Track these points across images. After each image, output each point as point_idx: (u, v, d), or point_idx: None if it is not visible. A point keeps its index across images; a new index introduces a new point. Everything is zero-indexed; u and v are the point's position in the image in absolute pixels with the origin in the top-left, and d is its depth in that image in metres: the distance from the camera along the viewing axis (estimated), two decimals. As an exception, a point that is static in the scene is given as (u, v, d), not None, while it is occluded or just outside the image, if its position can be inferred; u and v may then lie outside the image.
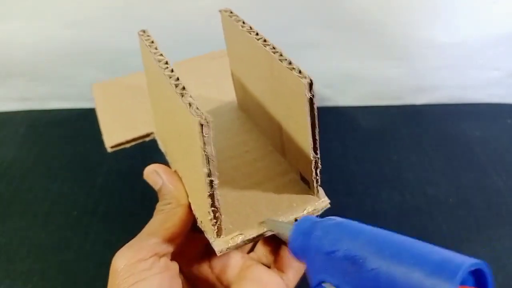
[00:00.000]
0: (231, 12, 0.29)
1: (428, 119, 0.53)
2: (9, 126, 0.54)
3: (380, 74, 0.54)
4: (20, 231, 0.40)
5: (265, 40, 0.26)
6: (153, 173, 0.28)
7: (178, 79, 0.23)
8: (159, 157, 0.32)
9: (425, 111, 0.54)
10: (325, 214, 0.35)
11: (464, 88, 0.55)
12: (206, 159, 0.21)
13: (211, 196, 0.23)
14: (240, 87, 0.35)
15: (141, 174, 0.29)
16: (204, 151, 0.21)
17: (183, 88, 0.22)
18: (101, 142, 0.35)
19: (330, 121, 0.52)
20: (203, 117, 0.20)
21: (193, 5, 0.48)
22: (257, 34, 0.27)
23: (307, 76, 0.22)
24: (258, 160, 0.31)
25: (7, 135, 0.52)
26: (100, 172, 0.46)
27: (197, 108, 0.21)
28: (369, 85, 0.55)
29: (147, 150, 0.34)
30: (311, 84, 0.22)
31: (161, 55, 0.25)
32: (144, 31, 0.28)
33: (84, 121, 0.51)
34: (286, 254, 0.29)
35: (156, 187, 0.28)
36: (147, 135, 0.34)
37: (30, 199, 0.43)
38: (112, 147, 0.33)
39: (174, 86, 0.23)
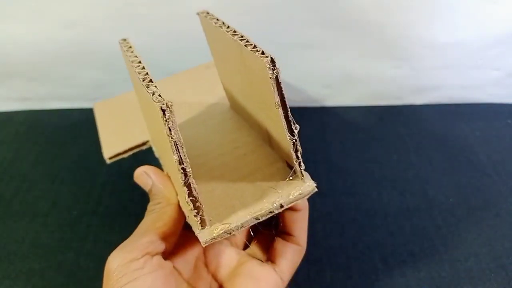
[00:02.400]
0: (207, 13, 0.29)
1: (428, 119, 0.53)
2: (9, 126, 0.54)
3: (380, 74, 0.54)
4: (20, 231, 0.40)
5: (234, 31, 0.26)
6: (142, 175, 0.29)
7: (147, 73, 0.23)
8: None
9: (425, 111, 0.55)
10: (325, 216, 0.35)
11: (464, 88, 0.55)
12: (175, 145, 0.21)
13: (187, 185, 0.23)
14: (226, 88, 0.35)
15: (141, 174, 0.29)
16: (171, 137, 0.21)
17: (150, 80, 0.23)
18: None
19: (330, 121, 0.52)
20: (164, 102, 0.20)
21: (193, 5, 0.48)
22: (228, 27, 0.26)
23: (268, 55, 0.22)
24: (248, 154, 0.31)
25: (7, 135, 0.52)
26: (100, 172, 0.46)
27: (159, 95, 0.21)
28: (369, 85, 0.55)
29: (147, 150, 0.35)
30: (273, 62, 0.22)
31: (136, 56, 0.26)
32: (124, 40, 0.28)
33: (84, 121, 0.51)
34: (278, 246, 0.29)
35: (146, 188, 0.29)
36: (143, 143, 0.35)
37: (30, 199, 0.43)
38: (110, 158, 0.35)
39: (141, 80, 0.23)
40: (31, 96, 0.56)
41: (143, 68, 0.24)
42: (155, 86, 0.22)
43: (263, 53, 0.23)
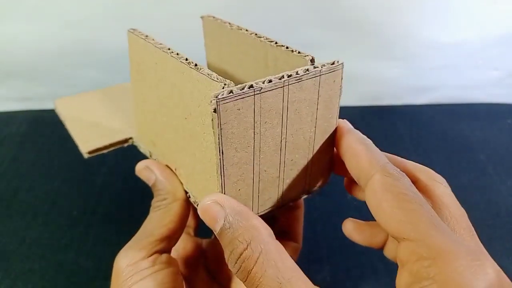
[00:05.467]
0: (214, 17, 0.30)
1: (428, 119, 0.53)
2: (9, 126, 0.54)
3: (380, 74, 0.54)
4: (20, 231, 0.40)
5: (256, 34, 0.26)
6: (145, 169, 0.28)
7: (187, 58, 0.23)
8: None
9: (425, 111, 0.54)
10: (325, 216, 0.35)
11: (464, 88, 0.55)
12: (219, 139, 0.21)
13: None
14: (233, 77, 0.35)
15: (140, 174, 0.29)
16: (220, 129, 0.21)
17: (196, 64, 0.23)
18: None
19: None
20: (224, 81, 0.21)
21: (193, 5, 0.48)
22: (246, 30, 0.27)
23: (308, 54, 0.23)
24: None
25: (7, 135, 0.52)
26: (100, 172, 0.46)
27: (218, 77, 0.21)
28: (369, 85, 0.55)
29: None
30: (313, 60, 0.24)
31: (161, 44, 0.26)
32: (134, 29, 0.28)
33: (84, 121, 0.51)
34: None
35: (149, 183, 0.28)
36: (125, 140, 0.34)
37: (30, 199, 0.43)
38: (89, 152, 0.33)
39: (187, 64, 0.23)
40: (31, 96, 0.56)
41: (178, 54, 0.24)
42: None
43: (299, 52, 0.24)
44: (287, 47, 0.25)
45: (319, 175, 0.27)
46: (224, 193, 0.22)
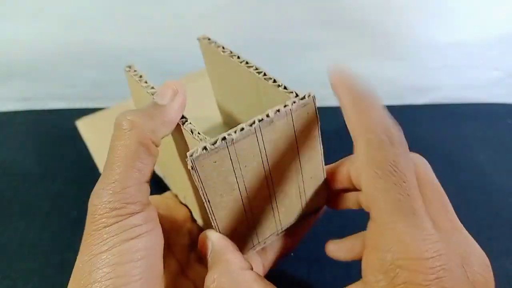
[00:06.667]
0: (209, 39, 0.30)
1: (428, 119, 0.53)
2: (9, 126, 0.54)
3: (380, 74, 0.54)
4: (20, 231, 0.40)
5: (247, 62, 0.27)
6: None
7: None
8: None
9: (425, 111, 0.54)
10: (325, 216, 0.35)
11: (464, 88, 0.55)
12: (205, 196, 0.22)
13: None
14: (224, 109, 0.36)
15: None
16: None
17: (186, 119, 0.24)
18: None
19: (330, 121, 0.52)
20: (199, 138, 0.22)
21: (193, 5, 0.48)
22: (238, 57, 0.27)
23: (293, 91, 0.24)
24: None
25: (7, 135, 0.52)
26: (100, 172, 0.46)
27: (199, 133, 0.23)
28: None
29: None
30: (297, 95, 0.23)
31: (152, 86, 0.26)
32: (130, 67, 0.28)
33: (84, 121, 0.51)
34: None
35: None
36: None
37: (30, 199, 0.43)
38: None
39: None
40: (31, 96, 0.56)
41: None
42: (190, 123, 0.23)
43: (285, 87, 0.24)
44: (274, 81, 0.25)
45: (315, 198, 0.28)
46: (219, 231, 0.24)
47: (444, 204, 0.22)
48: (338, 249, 0.28)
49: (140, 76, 0.27)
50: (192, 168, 0.20)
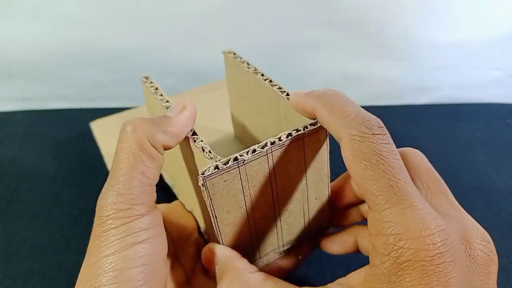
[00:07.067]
0: (235, 54, 0.31)
1: (428, 119, 0.53)
2: (9, 126, 0.54)
3: (380, 74, 0.54)
4: (20, 231, 0.40)
5: (271, 81, 0.27)
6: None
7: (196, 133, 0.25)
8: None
9: (425, 111, 0.54)
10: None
11: (464, 88, 0.55)
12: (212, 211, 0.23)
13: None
14: (238, 123, 0.36)
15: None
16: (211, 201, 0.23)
17: (196, 136, 0.24)
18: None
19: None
20: (211, 157, 0.22)
21: (193, 5, 0.48)
22: (262, 75, 0.28)
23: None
24: None
25: (7, 135, 0.52)
26: (100, 172, 0.46)
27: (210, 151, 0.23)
28: (369, 85, 0.55)
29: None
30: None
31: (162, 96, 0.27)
32: (146, 78, 0.29)
33: (84, 121, 0.51)
34: None
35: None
36: None
37: (30, 199, 0.43)
38: None
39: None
40: (31, 96, 0.56)
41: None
42: (202, 140, 0.23)
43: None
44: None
45: (318, 217, 0.28)
46: (223, 245, 0.25)
47: (442, 188, 0.23)
48: (331, 243, 0.29)
49: (156, 88, 0.28)
50: (202, 185, 0.21)
